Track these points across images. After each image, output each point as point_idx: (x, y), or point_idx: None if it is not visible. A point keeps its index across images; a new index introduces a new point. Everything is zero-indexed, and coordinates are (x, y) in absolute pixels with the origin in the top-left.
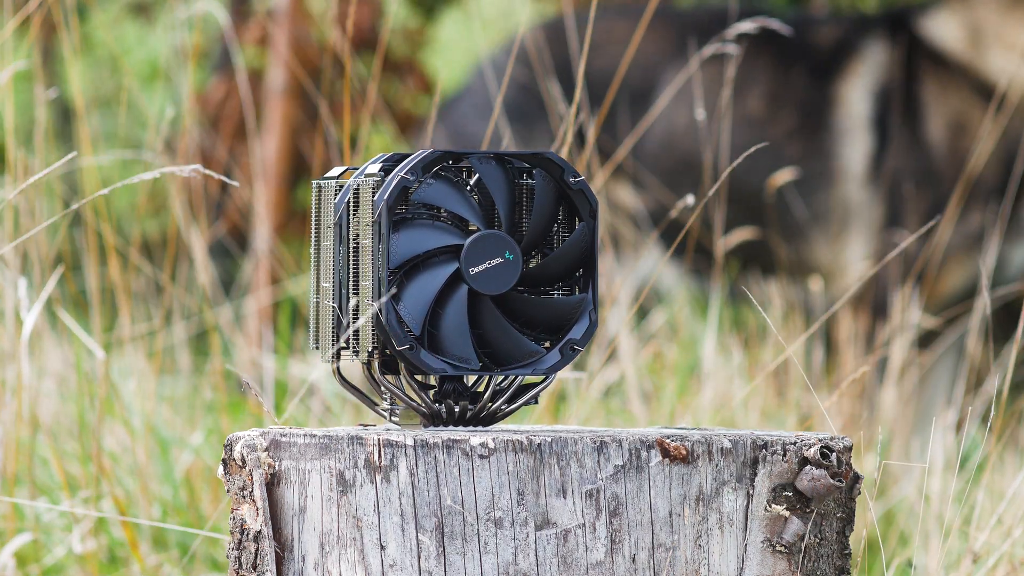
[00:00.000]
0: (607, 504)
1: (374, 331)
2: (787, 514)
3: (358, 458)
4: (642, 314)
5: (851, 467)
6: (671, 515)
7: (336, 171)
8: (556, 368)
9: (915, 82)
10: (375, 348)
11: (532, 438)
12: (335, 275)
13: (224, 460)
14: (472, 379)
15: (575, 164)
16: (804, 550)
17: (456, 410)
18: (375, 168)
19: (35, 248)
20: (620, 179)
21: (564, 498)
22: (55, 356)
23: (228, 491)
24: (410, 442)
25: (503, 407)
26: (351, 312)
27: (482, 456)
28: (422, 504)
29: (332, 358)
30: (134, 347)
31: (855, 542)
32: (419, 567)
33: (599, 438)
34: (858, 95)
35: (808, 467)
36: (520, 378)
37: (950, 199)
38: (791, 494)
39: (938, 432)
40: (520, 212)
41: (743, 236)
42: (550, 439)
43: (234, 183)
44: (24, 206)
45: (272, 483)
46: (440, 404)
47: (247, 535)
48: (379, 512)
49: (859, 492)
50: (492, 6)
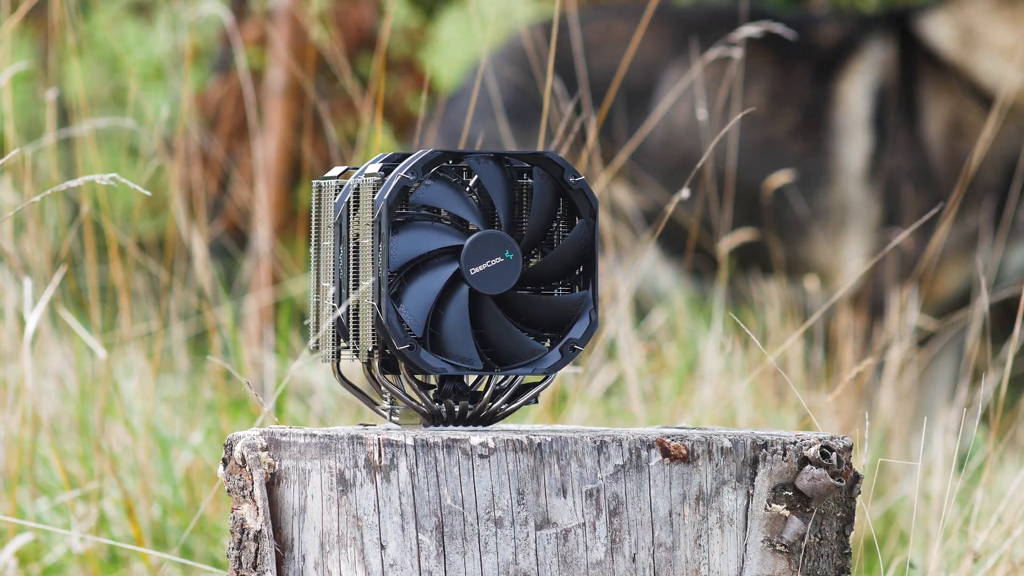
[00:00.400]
0: (607, 504)
1: (374, 331)
2: (787, 514)
3: (358, 458)
4: (641, 314)
5: (851, 467)
6: (671, 515)
7: (336, 171)
8: (556, 367)
9: (914, 82)
10: (375, 348)
11: (532, 438)
12: (335, 275)
13: (224, 460)
14: (472, 379)
15: (573, 164)
16: (804, 550)
17: (456, 410)
18: (375, 168)
19: (36, 248)
20: (617, 179)
21: (564, 498)
22: (55, 356)
23: (228, 491)
24: (410, 442)
25: (503, 407)
26: (351, 312)
27: (482, 456)
28: (422, 504)
29: (332, 358)
30: (134, 347)
31: (854, 542)
32: (419, 567)
33: (599, 438)
34: (858, 94)
35: (808, 467)
36: (520, 378)
37: (947, 199)
38: (791, 494)
39: (938, 431)
40: (519, 212)
41: (743, 238)
42: (550, 439)
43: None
44: (27, 208)
45: (272, 483)
46: (440, 404)
47: (247, 535)
48: (379, 512)
49: (859, 492)
50: (492, 6)
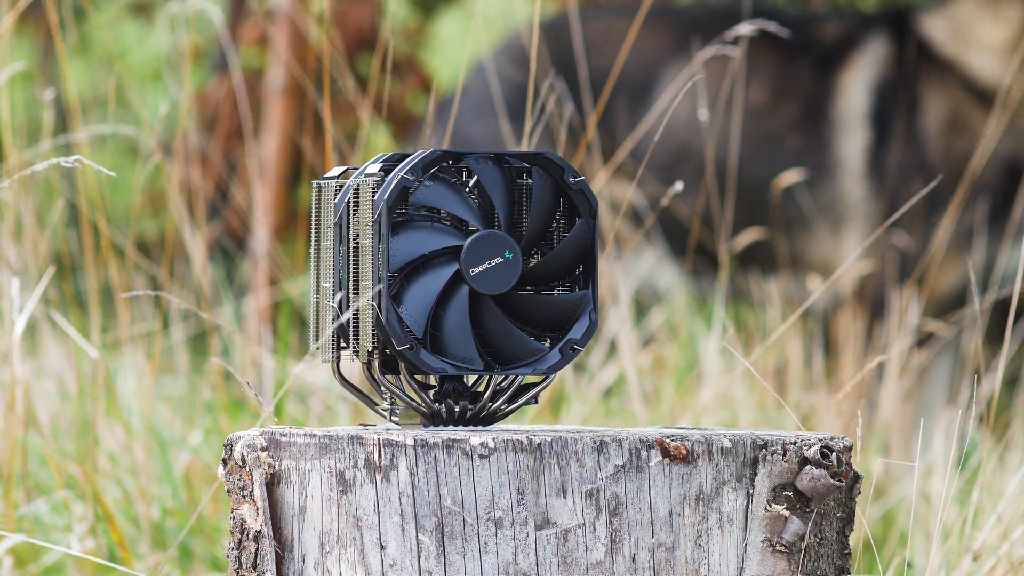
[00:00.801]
0: (607, 504)
1: (374, 331)
2: (787, 514)
3: (358, 458)
4: (641, 314)
5: (851, 467)
6: (671, 515)
7: (336, 171)
8: (556, 368)
9: (913, 78)
10: (375, 348)
11: (532, 438)
12: (335, 275)
13: (224, 460)
14: (472, 379)
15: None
16: (804, 550)
17: (456, 410)
18: (375, 168)
19: (33, 249)
20: (619, 177)
21: (564, 498)
22: (54, 356)
23: (228, 491)
24: (410, 442)
25: (503, 407)
26: (351, 312)
27: (482, 456)
28: (422, 504)
29: (332, 358)
30: (134, 347)
31: (854, 542)
32: (419, 567)
33: (599, 438)
34: (857, 88)
35: (808, 467)
36: (520, 378)
37: (947, 196)
38: (791, 494)
39: (937, 431)
40: (519, 212)
41: (748, 238)
42: (550, 439)
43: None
44: (24, 207)
45: (272, 483)
46: (440, 404)
47: (247, 535)
48: (379, 512)
49: (859, 492)
50: (492, 6)
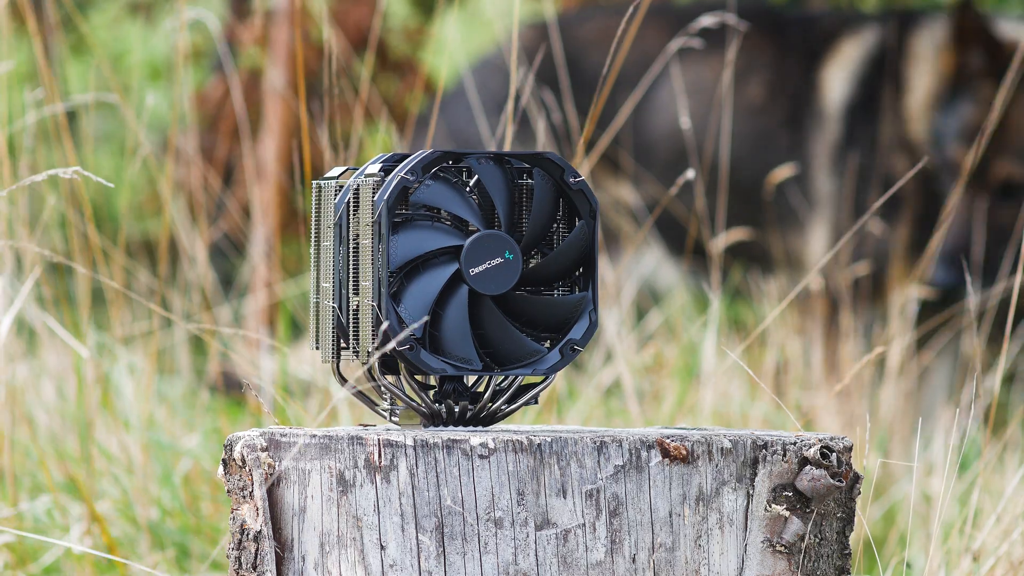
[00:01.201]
0: (607, 504)
1: (374, 331)
2: (787, 514)
3: (358, 458)
4: (640, 314)
5: (851, 467)
6: (671, 515)
7: (336, 171)
8: (556, 368)
9: (893, 77)
10: (375, 348)
11: (532, 438)
12: (335, 275)
13: (224, 460)
14: (472, 379)
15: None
16: (804, 550)
17: (456, 410)
18: (375, 168)
19: (30, 248)
20: (621, 177)
21: (564, 498)
22: (53, 356)
23: (228, 491)
24: (410, 442)
25: (503, 407)
26: (351, 312)
27: (482, 456)
28: (422, 504)
29: (332, 358)
30: (133, 347)
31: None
32: (419, 567)
33: (599, 438)
34: (836, 84)
35: (808, 467)
36: (520, 378)
37: (913, 194)
38: (791, 494)
39: (938, 431)
40: (519, 212)
41: (739, 236)
42: (550, 439)
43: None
44: (22, 207)
45: (272, 483)
46: (440, 404)
47: (247, 535)
48: (379, 512)
49: (859, 492)
50: (492, 6)
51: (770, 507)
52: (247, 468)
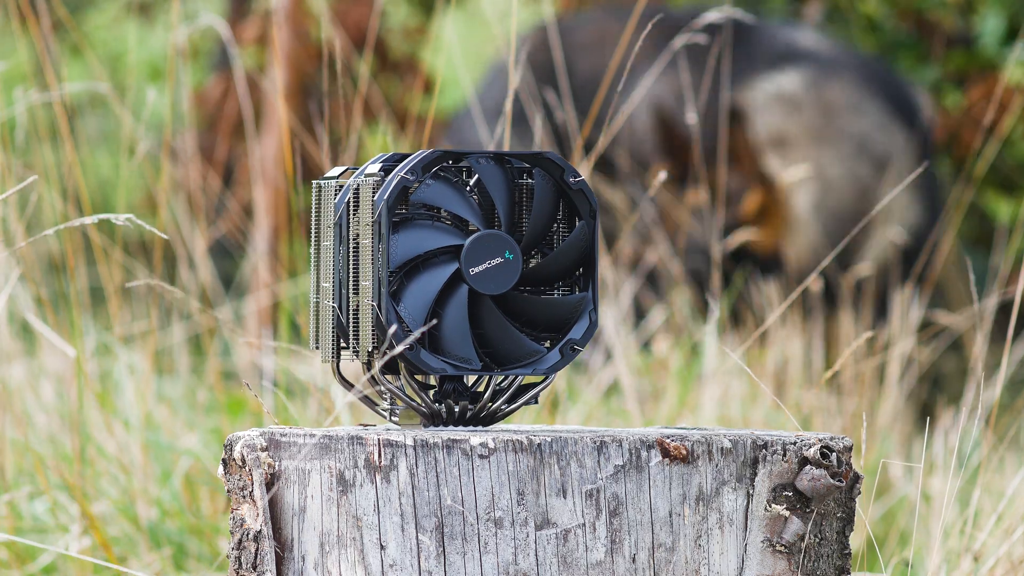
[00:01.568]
0: (607, 504)
1: (374, 331)
2: (787, 514)
3: (358, 458)
4: (640, 314)
5: (851, 467)
6: (671, 515)
7: (336, 171)
8: (556, 368)
9: None
10: (375, 348)
11: (532, 438)
12: (335, 275)
13: (224, 460)
14: (472, 379)
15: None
16: (804, 550)
17: (456, 410)
18: (375, 168)
19: (30, 249)
20: (617, 181)
21: (564, 498)
22: (53, 357)
23: (228, 491)
24: (410, 442)
25: (503, 407)
26: (351, 312)
27: (482, 456)
28: (422, 504)
29: (332, 358)
30: (132, 347)
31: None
32: (419, 567)
33: (599, 438)
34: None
35: (808, 467)
36: (520, 378)
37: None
38: (791, 494)
39: (939, 432)
40: (519, 212)
41: (744, 237)
42: (550, 439)
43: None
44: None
45: (272, 483)
46: (440, 404)
47: (247, 535)
48: (379, 512)
49: (859, 492)
50: (491, 5)
51: (770, 507)
52: (247, 468)
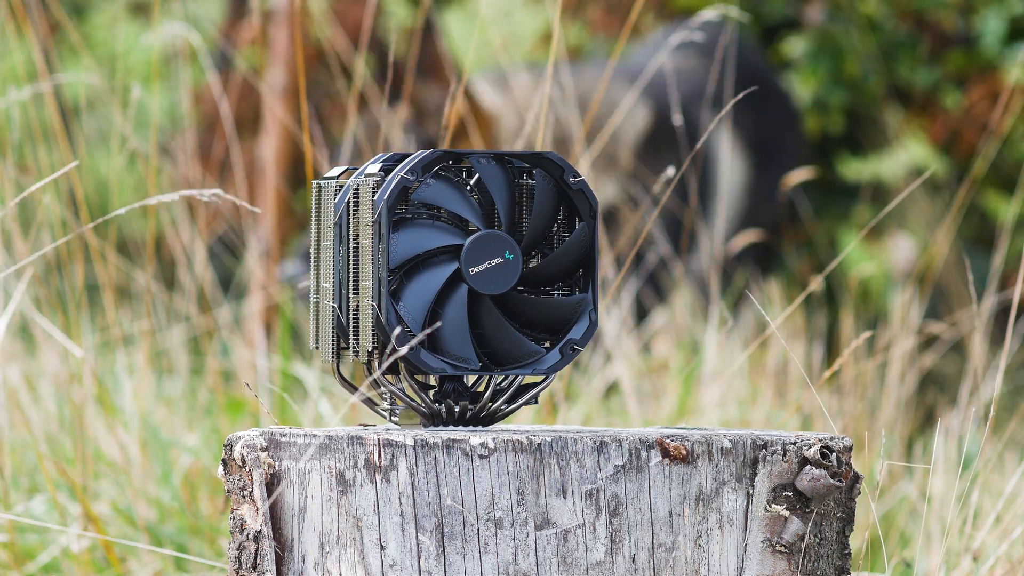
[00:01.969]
0: (607, 504)
1: (374, 331)
2: (787, 514)
3: (358, 458)
4: (642, 314)
5: (851, 467)
6: (671, 515)
7: (336, 171)
8: (556, 368)
9: None
10: (375, 348)
11: (532, 438)
12: (335, 275)
13: (224, 460)
14: (472, 379)
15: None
16: (804, 550)
17: (456, 410)
18: (375, 168)
19: (30, 249)
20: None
21: (564, 498)
22: (52, 357)
23: (228, 491)
24: (410, 442)
25: (503, 407)
26: (351, 312)
27: (482, 456)
28: (422, 504)
29: (332, 358)
30: (133, 348)
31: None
32: (419, 567)
33: (599, 438)
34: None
35: (808, 467)
36: (520, 378)
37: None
38: (791, 494)
39: (940, 433)
40: (520, 212)
41: (748, 239)
42: (550, 439)
43: (255, 209)
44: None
45: (272, 483)
46: (440, 404)
47: (247, 535)
48: (379, 512)
49: (859, 492)
50: (490, 5)
51: (770, 507)
52: (247, 468)
